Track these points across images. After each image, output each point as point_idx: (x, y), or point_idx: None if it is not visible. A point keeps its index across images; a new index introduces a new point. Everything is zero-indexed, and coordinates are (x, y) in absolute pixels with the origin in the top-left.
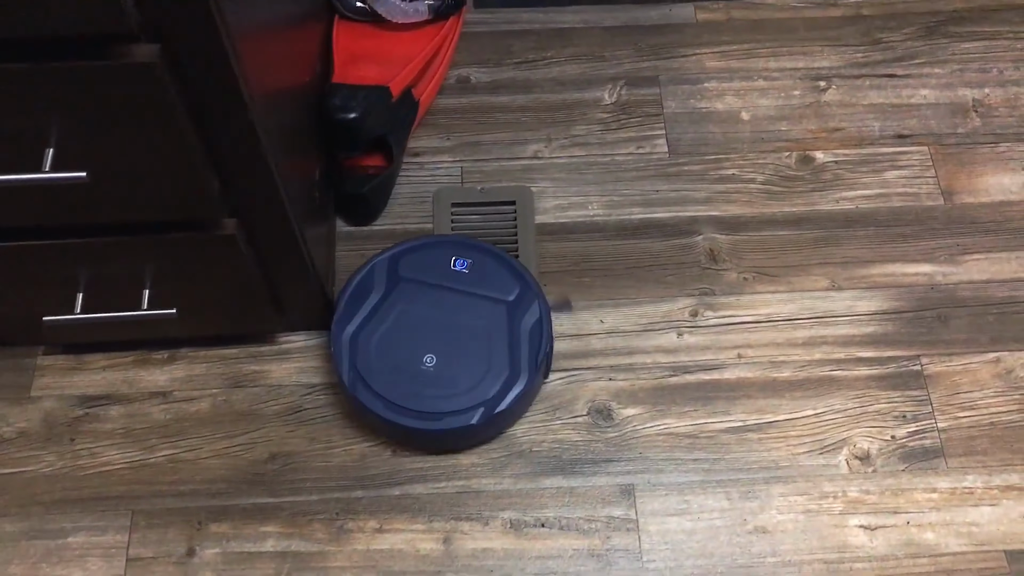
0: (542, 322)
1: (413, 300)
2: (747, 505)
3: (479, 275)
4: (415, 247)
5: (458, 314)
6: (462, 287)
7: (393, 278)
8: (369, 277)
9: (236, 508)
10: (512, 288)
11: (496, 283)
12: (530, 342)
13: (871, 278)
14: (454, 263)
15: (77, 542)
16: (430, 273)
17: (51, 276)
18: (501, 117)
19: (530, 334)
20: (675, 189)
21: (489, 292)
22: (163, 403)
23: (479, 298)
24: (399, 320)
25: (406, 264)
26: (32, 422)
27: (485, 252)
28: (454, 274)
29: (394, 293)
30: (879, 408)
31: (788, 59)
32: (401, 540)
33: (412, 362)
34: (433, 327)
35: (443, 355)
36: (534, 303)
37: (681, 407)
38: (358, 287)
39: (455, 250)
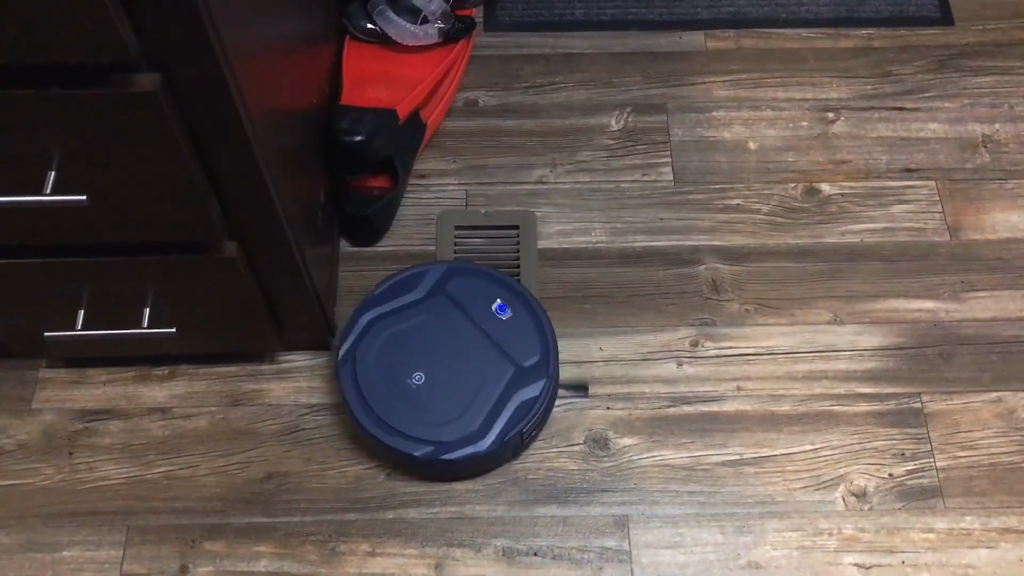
0: (535, 402)
1: (439, 317)
2: (741, 540)
3: (511, 328)
4: (473, 271)
5: (468, 350)
6: (489, 330)
7: (438, 288)
8: (420, 276)
9: (230, 527)
10: (532, 355)
11: (521, 343)
12: (512, 415)
13: (874, 313)
14: (497, 306)
15: (72, 556)
16: (471, 302)
17: (54, 293)
18: (507, 141)
19: (517, 408)
20: (679, 218)
21: (509, 347)
22: (162, 419)
23: (496, 347)
24: (416, 329)
25: (458, 282)
26: (32, 434)
27: (529, 308)
28: (491, 316)
29: (429, 301)
30: (878, 445)
31: (797, 89)
32: (393, 565)
33: (404, 375)
34: (441, 349)
35: (432, 379)
36: (541, 381)
37: (678, 438)
38: (406, 280)
39: (505, 293)
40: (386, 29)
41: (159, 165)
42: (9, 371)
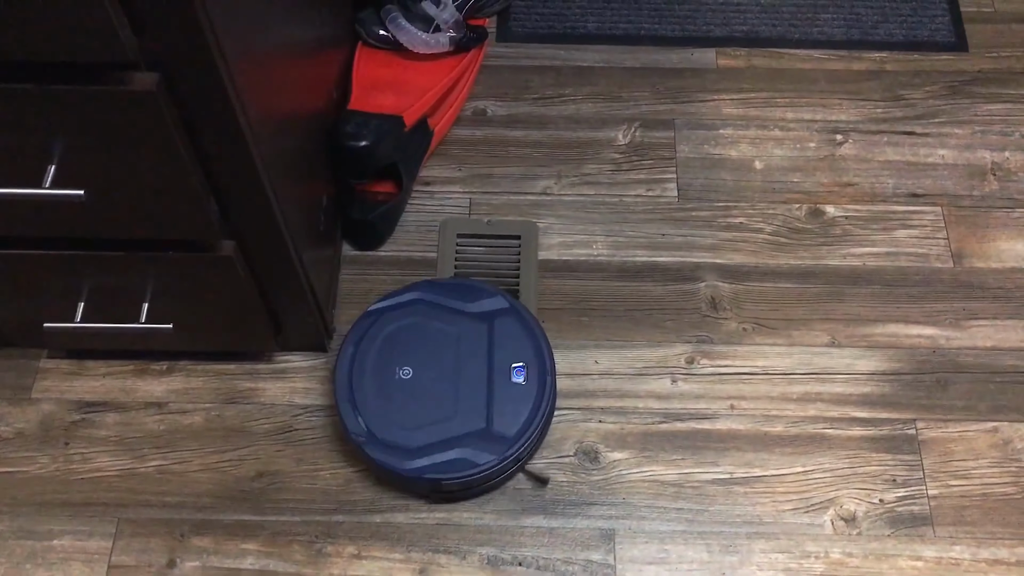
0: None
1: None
2: (727, 559)
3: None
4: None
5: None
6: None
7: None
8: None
9: (219, 523)
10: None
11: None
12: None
13: (873, 337)
14: (514, 371)
15: (62, 545)
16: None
17: (54, 285)
18: (514, 151)
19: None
20: (681, 234)
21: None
22: (158, 414)
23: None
24: (416, 328)
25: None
26: (30, 423)
27: (542, 370)
28: (505, 374)
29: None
30: (869, 470)
31: (807, 110)
32: (377, 568)
33: (390, 375)
34: (439, 366)
35: (424, 384)
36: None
37: (669, 454)
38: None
39: (521, 356)
40: (398, 36)
41: (157, 164)
42: (11, 360)
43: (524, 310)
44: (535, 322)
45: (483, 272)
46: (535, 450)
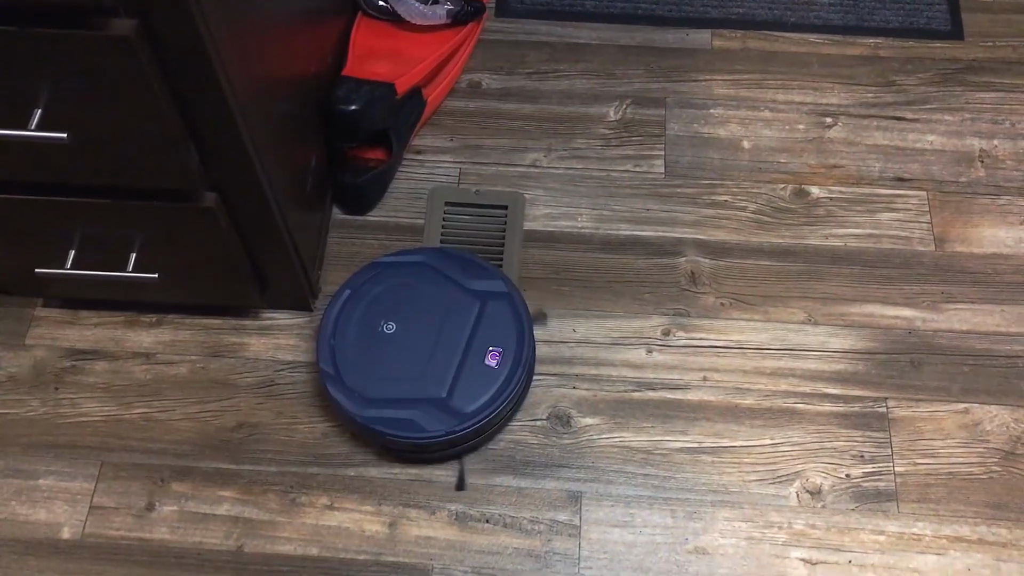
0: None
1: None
2: (691, 525)
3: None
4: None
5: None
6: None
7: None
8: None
9: (198, 470)
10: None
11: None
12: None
13: (849, 316)
14: (489, 354)
15: (47, 484)
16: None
17: (45, 231)
18: (506, 124)
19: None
20: (666, 210)
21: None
22: (145, 363)
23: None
24: (401, 287)
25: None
26: (22, 368)
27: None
28: (480, 354)
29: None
30: (838, 446)
31: (798, 93)
32: (349, 519)
33: (375, 326)
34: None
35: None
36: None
37: (640, 422)
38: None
39: (501, 342)
40: (396, 7)
41: (136, 109)
42: (7, 307)
43: (519, 300)
44: (526, 314)
45: (469, 240)
46: (488, 434)
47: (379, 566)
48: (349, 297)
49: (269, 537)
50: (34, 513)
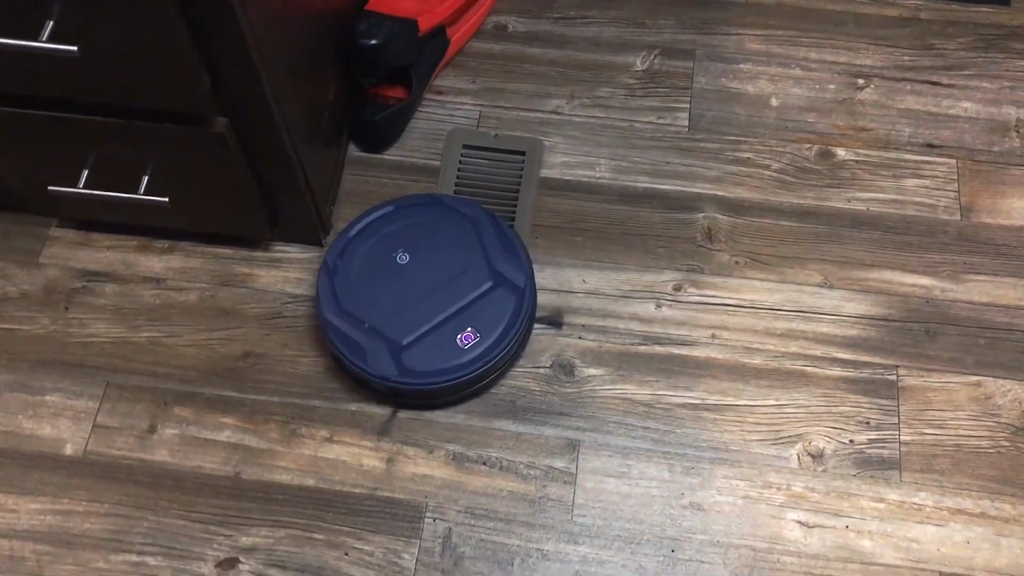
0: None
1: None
2: (687, 480)
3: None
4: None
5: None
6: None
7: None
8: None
9: (202, 396)
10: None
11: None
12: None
13: (866, 281)
14: (464, 333)
15: (53, 401)
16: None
17: (58, 149)
18: (530, 68)
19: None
20: (686, 164)
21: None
22: (155, 288)
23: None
24: (412, 226)
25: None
26: (35, 286)
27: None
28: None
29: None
30: (844, 410)
31: (831, 52)
32: (347, 453)
33: (391, 250)
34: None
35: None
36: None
37: (644, 375)
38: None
39: (482, 325)
40: None
41: (148, 28)
42: (24, 226)
43: (529, 298)
44: (527, 316)
45: (484, 184)
46: (437, 401)
47: (374, 500)
48: (371, 223)
49: (267, 465)
50: (39, 428)
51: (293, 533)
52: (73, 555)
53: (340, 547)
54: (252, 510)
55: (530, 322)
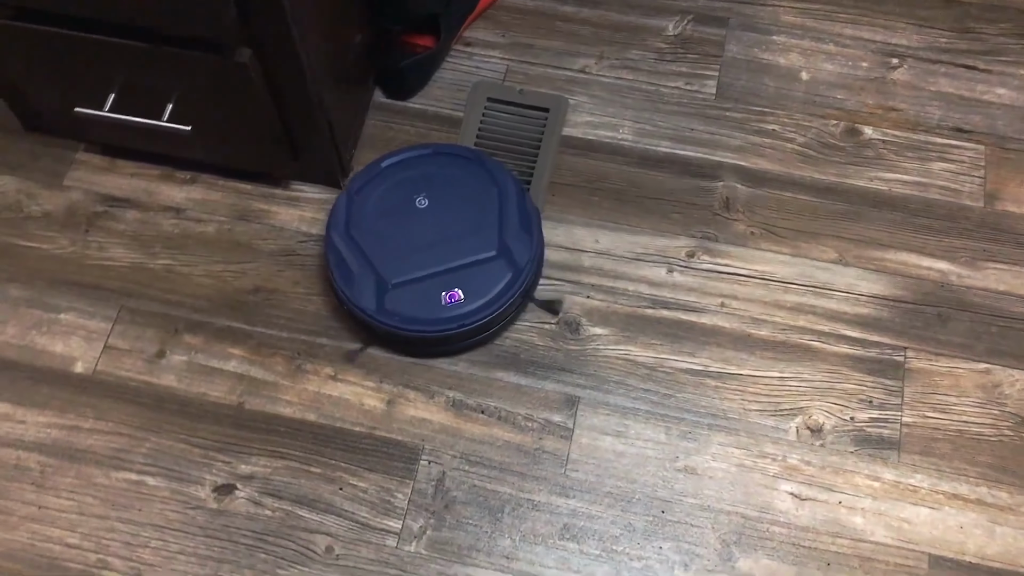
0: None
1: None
2: (683, 444)
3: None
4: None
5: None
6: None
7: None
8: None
9: (212, 326)
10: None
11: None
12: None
13: (882, 261)
14: (451, 292)
15: (67, 319)
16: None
17: (86, 71)
18: (561, 26)
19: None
20: (710, 132)
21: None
22: (174, 218)
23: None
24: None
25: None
26: (57, 207)
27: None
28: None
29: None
30: (847, 388)
31: (867, 29)
32: (349, 392)
33: (410, 194)
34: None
35: (435, 214)
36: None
37: (648, 338)
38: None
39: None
40: None
41: None
42: (51, 149)
43: (531, 276)
44: (530, 282)
45: (505, 138)
46: (404, 348)
47: (372, 439)
48: (396, 163)
49: (271, 398)
50: (51, 344)
51: (291, 465)
52: (76, 469)
53: (336, 482)
54: (252, 439)
55: (522, 300)
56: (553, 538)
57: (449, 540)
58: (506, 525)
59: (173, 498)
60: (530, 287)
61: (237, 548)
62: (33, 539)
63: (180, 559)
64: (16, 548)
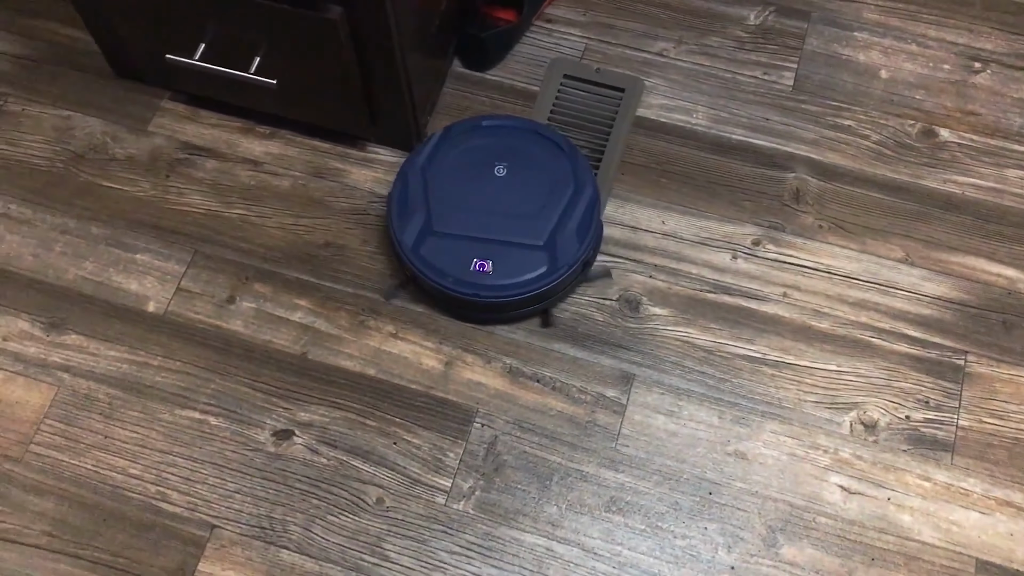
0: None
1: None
2: (736, 429)
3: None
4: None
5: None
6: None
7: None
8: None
9: (281, 276)
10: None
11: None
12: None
13: (948, 264)
14: (480, 262)
15: (143, 260)
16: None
17: (180, 19)
18: (641, 8)
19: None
20: (785, 123)
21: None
22: (252, 170)
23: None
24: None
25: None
26: (141, 152)
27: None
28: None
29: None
30: (905, 386)
31: (951, 31)
32: (409, 350)
33: (490, 161)
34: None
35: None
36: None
37: (708, 322)
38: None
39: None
40: None
41: None
42: (138, 95)
43: (557, 282)
44: (557, 288)
45: (578, 115)
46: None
47: (428, 399)
48: (483, 125)
49: (333, 350)
50: (127, 282)
51: (348, 416)
52: (142, 404)
53: (390, 436)
54: (313, 389)
55: (543, 302)
56: (599, 510)
57: (497, 502)
58: (553, 493)
59: (233, 439)
60: (556, 291)
61: (292, 492)
62: (98, 467)
63: (236, 498)
64: (81, 474)
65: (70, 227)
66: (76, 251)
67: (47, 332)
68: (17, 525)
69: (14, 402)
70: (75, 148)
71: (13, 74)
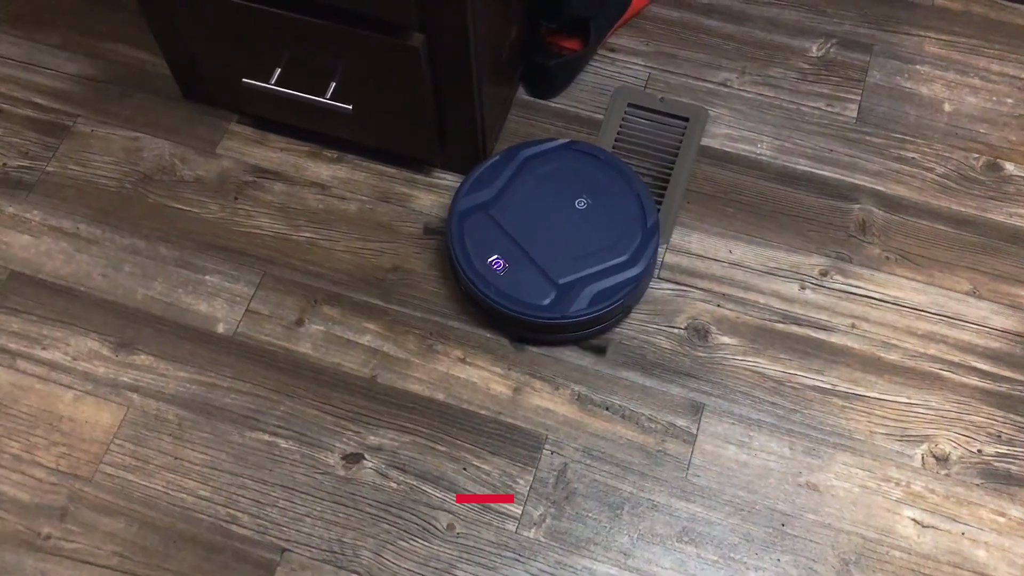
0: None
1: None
2: (807, 460)
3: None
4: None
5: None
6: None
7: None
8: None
9: (350, 300)
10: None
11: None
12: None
13: (1017, 298)
14: (495, 261)
15: (212, 281)
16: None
17: (259, 43)
18: (705, 39)
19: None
20: (850, 154)
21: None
22: (320, 194)
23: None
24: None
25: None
26: (210, 174)
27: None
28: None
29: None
30: (976, 420)
31: (1014, 66)
32: (477, 376)
33: (570, 197)
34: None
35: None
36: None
37: (777, 352)
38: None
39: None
40: None
41: None
42: (207, 116)
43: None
44: (570, 327)
45: (642, 145)
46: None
47: (497, 424)
48: (560, 147)
49: (402, 374)
50: (196, 304)
51: (418, 440)
52: (211, 425)
53: (460, 461)
54: (382, 412)
55: (544, 334)
56: (671, 540)
57: (568, 531)
58: (625, 522)
59: (303, 462)
60: (567, 328)
61: (362, 516)
62: (168, 488)
63: (306, 521)
64: (151, 495)
65: (139, 248)
66: (145, 271)
67: (116, 352)
68: (88, 545)
69: (84, 421)
70: (144, 169)
71: (82, 95)
